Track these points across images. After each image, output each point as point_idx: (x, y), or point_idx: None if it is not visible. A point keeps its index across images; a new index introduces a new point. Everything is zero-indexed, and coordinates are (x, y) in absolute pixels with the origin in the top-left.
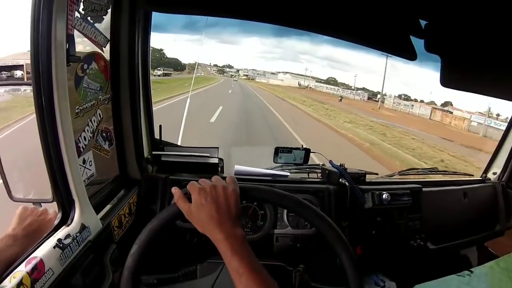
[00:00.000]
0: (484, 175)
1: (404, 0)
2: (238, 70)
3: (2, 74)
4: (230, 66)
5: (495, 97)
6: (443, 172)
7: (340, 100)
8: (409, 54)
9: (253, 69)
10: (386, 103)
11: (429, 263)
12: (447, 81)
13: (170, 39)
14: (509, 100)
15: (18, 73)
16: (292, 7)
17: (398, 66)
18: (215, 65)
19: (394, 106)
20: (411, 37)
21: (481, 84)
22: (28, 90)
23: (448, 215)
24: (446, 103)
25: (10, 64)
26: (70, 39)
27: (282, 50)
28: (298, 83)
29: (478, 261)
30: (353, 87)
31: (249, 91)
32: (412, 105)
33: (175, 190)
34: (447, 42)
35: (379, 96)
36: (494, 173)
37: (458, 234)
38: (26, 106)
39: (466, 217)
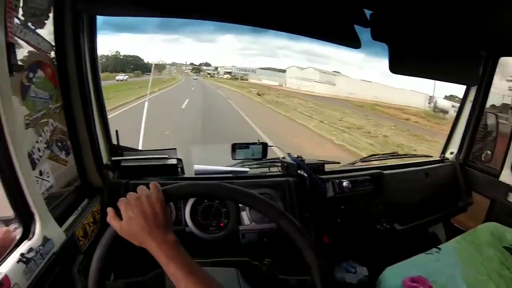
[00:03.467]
0: (443, 155)
1: None
2: (216, 68)
3: None
4: (207, 64)
5: (441, 80)
6: (404, 156)
7: None
8: (354, 43)
9: (236, 67)
10: None
11: (398, 244)
12: (395, 67)
13: (142, 39)
14: (455, 82)
15: None
16: (233, 3)
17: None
18: (192, 64)
19: None
20: (356, 26)
21: (428, 70)
22: None
23: (412, 195)
24: None
25: None
26: (11, 48)
27: (259, 46)
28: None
29: (446, 237)
30: None
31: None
32: None
33: (108, 210)
34: (393, 30)
35: None
36: (452, 153)
37: (424, 213)
38: None
39: (430, 195)
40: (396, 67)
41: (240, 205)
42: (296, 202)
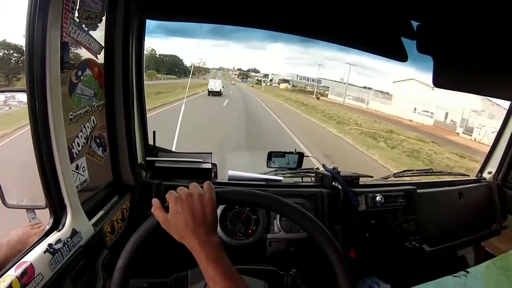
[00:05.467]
0: (480, 174)
1: (395, 2)
2: (266, 75)
3: None
4: (255, 70)
5: (488, 96)
6: (439, 173)
7: None
8: (400, 56)
9: (297, 75)
10: None
11: (425, 265)
12: (440, 81)
13: (187, 43)
14: (502, 98)
15: None
16: (284, 11)
17: None
18: (239, 69)
19: None
20: (403, 38)
21: (474, 84)
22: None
23: (443, 216)
24: None
25: None
26: (64, 47)
27: (308, 56)
28: None
29: (475, 261)
30: None
31: None
32: None
33: (154, 200)
34: (439, 42)
35: None
36: (489, 173)
37: (454, 235)
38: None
39: (462, 217)
40: (440, 81)
41: (270, 214)
42: (328, 214)
